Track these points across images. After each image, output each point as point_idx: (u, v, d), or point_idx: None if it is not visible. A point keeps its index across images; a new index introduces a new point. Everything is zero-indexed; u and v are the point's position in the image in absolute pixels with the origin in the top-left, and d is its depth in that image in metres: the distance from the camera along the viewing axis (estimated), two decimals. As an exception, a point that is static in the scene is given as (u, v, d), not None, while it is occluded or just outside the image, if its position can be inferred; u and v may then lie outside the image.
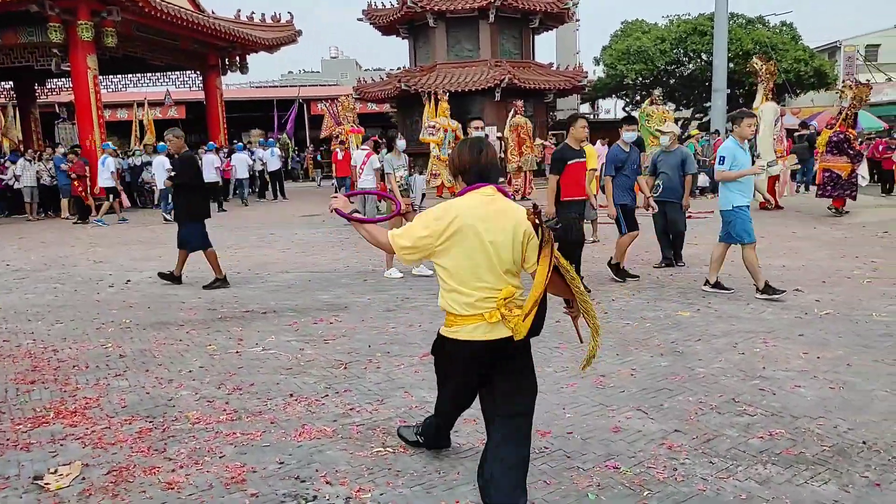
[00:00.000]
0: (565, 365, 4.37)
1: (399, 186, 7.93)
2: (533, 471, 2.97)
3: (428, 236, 2.55)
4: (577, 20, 25.96)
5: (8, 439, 3.51)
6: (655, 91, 16.31)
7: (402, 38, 26.08)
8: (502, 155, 16.96)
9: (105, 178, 15.11)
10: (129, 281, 7.83)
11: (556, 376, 4.18)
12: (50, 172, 16.63)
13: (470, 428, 3.45)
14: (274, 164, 19.67)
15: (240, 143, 19.63)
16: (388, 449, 3.25)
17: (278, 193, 19.77)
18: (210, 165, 16.74)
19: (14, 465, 3.22)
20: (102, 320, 6.01)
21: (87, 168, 16.24)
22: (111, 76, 23.66)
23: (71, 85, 24.94)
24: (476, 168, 2.64)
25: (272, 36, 22.79)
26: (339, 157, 16.88)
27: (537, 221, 2.43)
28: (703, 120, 29.25)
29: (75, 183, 15.38)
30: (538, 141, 19.34)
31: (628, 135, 7.01)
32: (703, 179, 16.86)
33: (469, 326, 2.57)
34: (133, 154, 18.94)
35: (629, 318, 5.47)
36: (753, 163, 6.54)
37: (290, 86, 51.67)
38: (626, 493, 2.77)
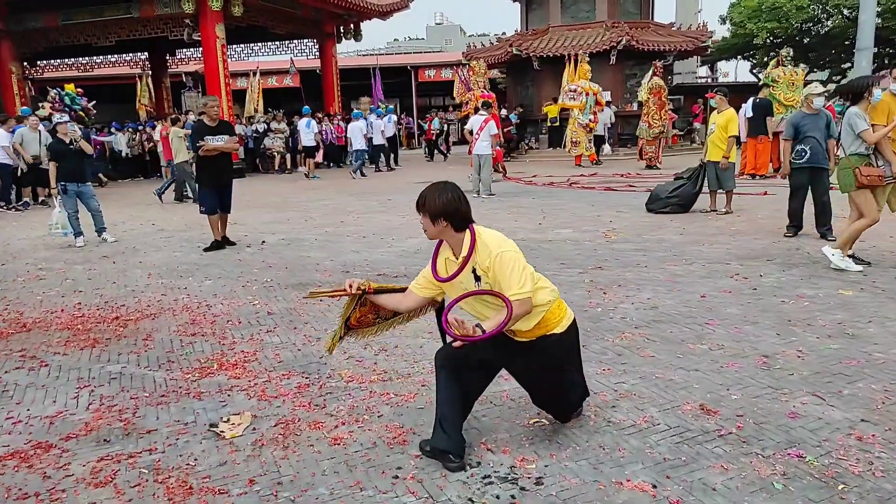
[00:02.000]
0: (720, 343, 4.12)
1: None
2: (706, 453, 2.81)
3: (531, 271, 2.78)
4: (702, -24, 24.24)
5: (181, 387, 3.74)
6: (783, 51, 14.88)
7: (514, 1, 25.50)
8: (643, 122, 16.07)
9: (308, 139, 17.71)
10: (264, 242, 8.20)
11: (713, 354, 3.93)
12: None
13: (629, 404, 3.31)
14: (389, 131, 19.55)
15: (358, 111, 19.87)
16: (544, 420, 3.17)
17: (391, 162, 19.69)
18: (359, 132, 17.72)
19: (190, 412, 3.42)
20: (246, 279, 6.31)
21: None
22: (234, 45, 24.71)
23: (200, 55, 26.54)
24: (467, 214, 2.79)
25: (386, 2, 22.94)
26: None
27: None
28: (842, 82, 26.80)
29: None
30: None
31: None
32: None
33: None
34: (257, 121, 19.71)
35: (784, 296, 5.08)
36: None
37: (397, 53, 52.20)
38: (817, 485, 2.55)
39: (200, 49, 25.43)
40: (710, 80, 36.61)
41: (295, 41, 24.38)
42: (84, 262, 7.36)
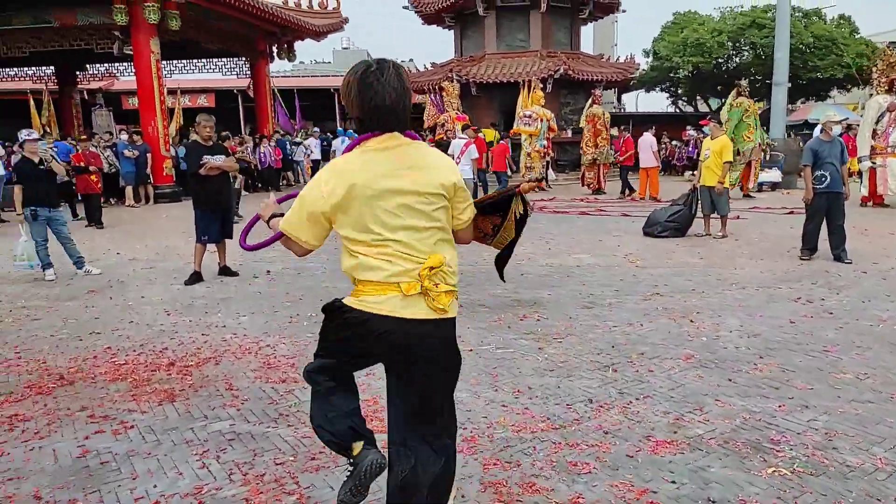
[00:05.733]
0: (859, 371, 4.04)
1: None
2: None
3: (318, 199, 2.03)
4: (623, 10, 25.47)
5: (324, 447, 3.16)
6: (742, 81, 15.47)
7: (446, 28, 25.67)
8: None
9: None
10: (269, 272, 7.49)
11: (865, 383, 3.84)
12: (109, 160, 16.20)
13: (846, 444, 3.11)
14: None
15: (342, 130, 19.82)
16: (777, 468, 2.91)
17: None
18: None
19: (365, 478, 2.87)
20: (286, 314, 5.66)
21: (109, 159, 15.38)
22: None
23: (108, 72, 24.71)
24: (375, 113, 2.02)
25: (322, 23, 22.39)
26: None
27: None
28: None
29: (93, 178, 12.19)
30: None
31: None
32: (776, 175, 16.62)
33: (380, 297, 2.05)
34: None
35: (863, 318, 5.13)
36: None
37: (313, 76, 51.12)
38: None
39: (113, 65, 23.92)
40: (619, 111, 38.46)
41: (224, 59, 23.17)
42: (71, 299, 6.37)
